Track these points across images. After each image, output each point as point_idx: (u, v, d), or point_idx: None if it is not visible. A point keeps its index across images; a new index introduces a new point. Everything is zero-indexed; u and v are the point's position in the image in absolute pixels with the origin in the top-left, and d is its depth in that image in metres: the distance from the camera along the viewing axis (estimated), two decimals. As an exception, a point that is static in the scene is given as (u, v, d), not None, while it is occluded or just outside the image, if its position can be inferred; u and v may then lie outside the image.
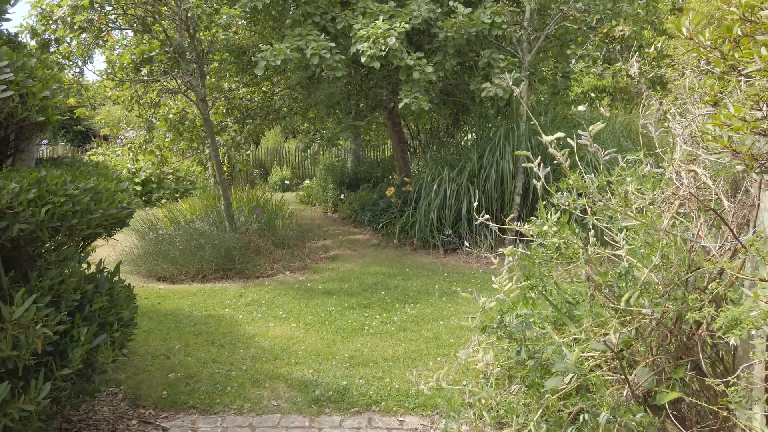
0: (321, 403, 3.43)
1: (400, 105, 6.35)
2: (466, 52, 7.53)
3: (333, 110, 7.70)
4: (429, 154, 8.64)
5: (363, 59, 6.25)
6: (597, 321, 2.77)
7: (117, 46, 7.53)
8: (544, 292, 3.33)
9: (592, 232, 2.80)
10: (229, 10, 6.01)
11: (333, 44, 6.38)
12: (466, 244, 7.33)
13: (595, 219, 2.88)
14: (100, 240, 7.32)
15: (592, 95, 15.75)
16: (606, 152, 2.67)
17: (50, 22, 5.43)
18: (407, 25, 6.45)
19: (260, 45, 6.49)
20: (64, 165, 2.56)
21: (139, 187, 12.96)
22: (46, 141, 14.18)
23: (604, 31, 7.16)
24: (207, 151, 9.56)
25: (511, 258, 3.33)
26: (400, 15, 6.62)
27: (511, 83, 2.53)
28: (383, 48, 6.18)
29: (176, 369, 3.85)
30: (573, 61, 7.83)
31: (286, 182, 16.66)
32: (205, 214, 8.38)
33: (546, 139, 2.37)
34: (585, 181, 2.50)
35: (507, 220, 2.91)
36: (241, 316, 5.02)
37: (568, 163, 2.44)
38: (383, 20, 6.45)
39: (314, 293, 5.78)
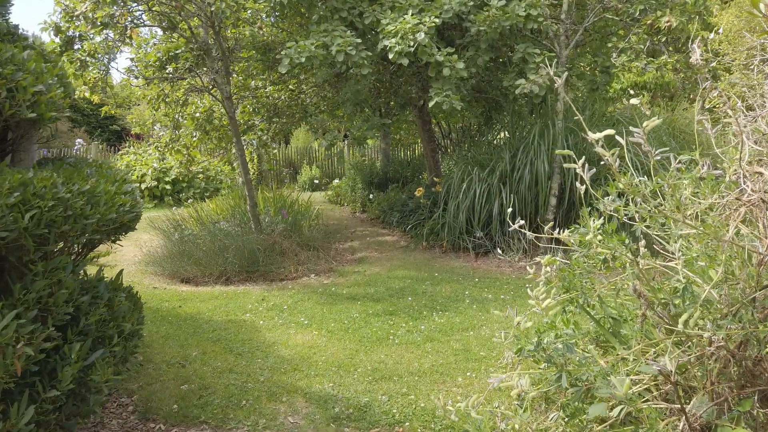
0: (340, 421, 3.19)
1: (431, 104, 6.08)
2: (500, 47, 7.20)
3: (360, 108, 7.47)
4: (458, 153, 8.33)
5: (390, 56, 6.00)
6: (648, 342, 2.46)
7: (144, 44, 7.47)
8: (585, 307, 3.02)
9: (642, 242, 2.48)
10: (254, 5, 5.82)
11: (359, 40, 6.14)
12: (499, 251, 7.00)
13: (645, 226, 2.57)
14: (127, 240, 7.19)
15: (632, 92, 15.15)
16: (657, 151, 2.35)
17: (73, 18, 5.35)
18: (437, 20, 6.17)
19: (287, 42, 6.31)
20: (60, 166, 2.38)
21: (169, 186, 13.01)
22: (80, 140, 14.38)
23: (649, 22, 6.73)
24: (234, 150, 9.47)
25: (548, 269, 3.03)
26: (430, 9, 6.34)
27: (552, 74, 2.24)
28: (412, 44, 5.92)
29: (190, 379, 3.67)
30: (614, 55, 7.41)
31: (316, 181, 16.54)
32: (231, 214, 8.27)
33: (592, 137, 2.07)
34: (636, 184, 2.19)
35: (546, 228, 2.62)
36: (261, 322, 4.82)
37: (617, 164, 2.14)
38: (412, 15, 6.18)
39: (338, 298, 5.55)
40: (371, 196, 11.46)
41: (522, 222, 3.12)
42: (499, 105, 9.48)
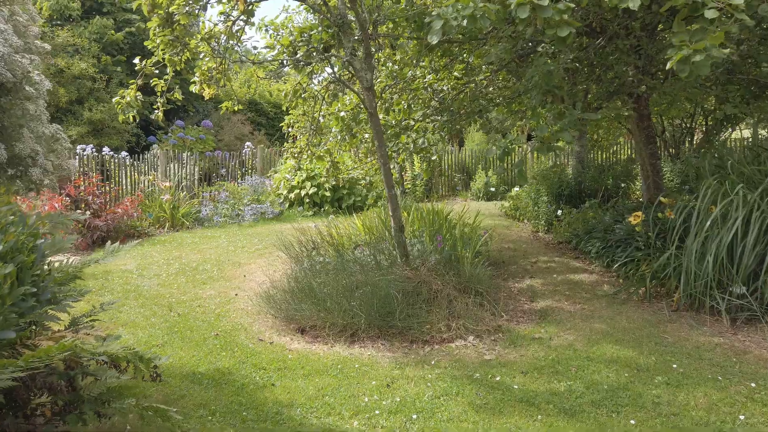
0: None
1: (673, 59, 3.53)
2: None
3: (552, 97, 5.24)
4: (708, 161, 5.55)
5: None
6: None
7: (283, 29, 6.14)
8: None
9: None
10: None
11: (555, -12, 3.93)
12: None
13: None
14: (263, 258, 5.68)
15: None
16: None
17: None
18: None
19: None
20: None
21: (329, 194, 11.96)
22: (249, 144, 14.14)
23: None
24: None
25: None
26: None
27: None
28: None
29: None
30: None
31: (491, 189, 14.37)
32: (379, 236, 6.60)
33: None
34: None
35: None
36: (372, 445, 2.96)
37: None
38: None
39: (504, 398, 3.44)
40: (559, 212, 9.00)
41: None
42: (763, 91, 6.43)
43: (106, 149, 10.50)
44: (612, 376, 3.72)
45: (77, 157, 9.51)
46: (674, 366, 3.84)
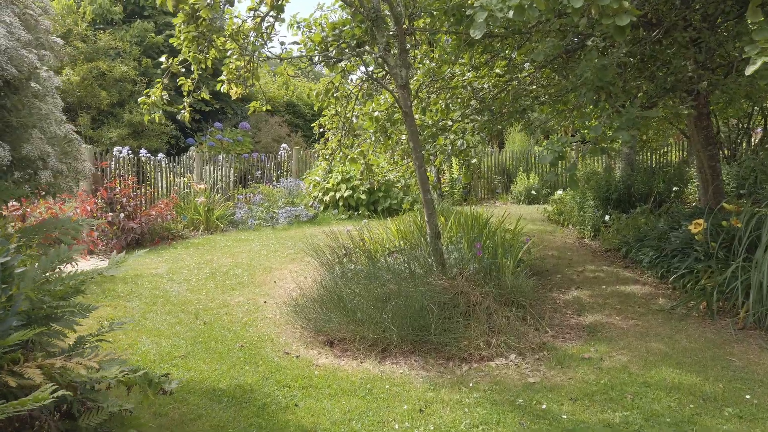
0: None
1: (751, 69, 3.14)
2: None
3: (606, 95, 4.81)
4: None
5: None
6: None
7: (315, 26, 5.90)
8: None
9: None
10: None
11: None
12: None
13: None
14: (296, 263, 5.39)
15: None
16: None
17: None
18: None
19: None
20: None
21: (364, 197, 11.71)
22: (285, 146, 14.03)
23: None
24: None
25: None
26: None
27: None
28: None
29: None
30: None
31: (533, 192, 13.84)
32: (414, 242, 6.30)
33: None
34: None
35: None
36: (401, 482, 2.64)
37: None
38: None
39: (551, 430, 3.07)
40: (607, 217, 8.49)
41: None
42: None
43: (143, 151, 10.52)
44: (674, 405, 3.30)
45: (113, 159, 9.54)
46: (746, 396, 3.38)
